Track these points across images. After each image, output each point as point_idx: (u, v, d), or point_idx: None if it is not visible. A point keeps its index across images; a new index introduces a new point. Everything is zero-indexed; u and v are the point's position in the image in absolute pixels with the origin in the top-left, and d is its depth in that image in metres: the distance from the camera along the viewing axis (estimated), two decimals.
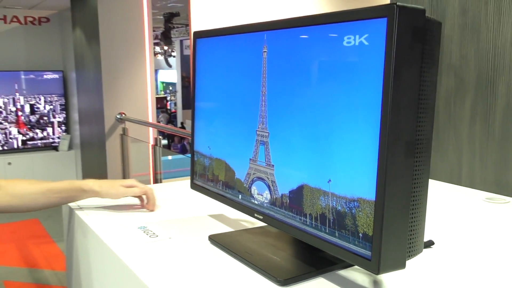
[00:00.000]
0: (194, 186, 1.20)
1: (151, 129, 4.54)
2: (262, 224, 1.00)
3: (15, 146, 6.08)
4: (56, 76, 6.34)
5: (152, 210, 1.27)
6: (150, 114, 4.63)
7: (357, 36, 0.71)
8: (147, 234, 1.08)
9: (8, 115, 6.09)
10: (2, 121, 6.05)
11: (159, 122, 10.50)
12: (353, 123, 0.73)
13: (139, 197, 1.29)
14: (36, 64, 6.34)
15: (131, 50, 4.56)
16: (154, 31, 16.82)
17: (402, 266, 0.72)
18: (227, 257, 0.96)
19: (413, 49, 0.67)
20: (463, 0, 1.49)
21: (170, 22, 11.43)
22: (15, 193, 1.23)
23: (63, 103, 6.38)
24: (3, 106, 6.05)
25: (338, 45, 0.74)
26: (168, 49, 14.40)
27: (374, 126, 0.68)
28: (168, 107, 13.51)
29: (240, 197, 1.02)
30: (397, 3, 0.65)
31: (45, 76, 6.30)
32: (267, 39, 0.91)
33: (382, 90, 0.67)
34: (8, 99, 6.08)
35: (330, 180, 0.77)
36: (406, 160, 0.69)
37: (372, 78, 0.69)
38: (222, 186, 1.08)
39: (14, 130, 6.13)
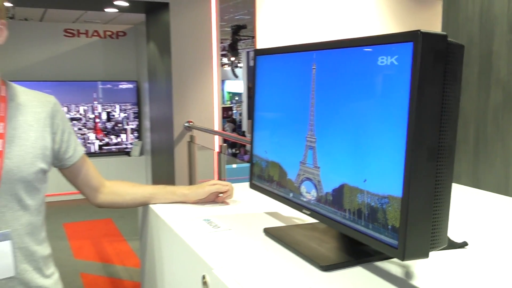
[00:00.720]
0: (252, 186, 1.36)
1: (216, 137, 4.76)
2: (311, 220, 1.14)
3: (92, 151, 6.55)
4: (130, 86, 6.77)
5: (227, 203, 1.46)
6: (216, 123, 4.86)
7: (389, 57, 0.84)
8: (210, 225, 1.25)
9: (87, 122, 6.59)
10: (82, 127, 6.55)
11: (225, 131, 10.85)
12: (384, 131, 0.85)
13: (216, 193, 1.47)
14: (113, 75, 6.82)
15: (200, 61, 4.82)
16: (221, 42, 17.31)
17: (425, 255, 0.83)
18: (278, 247, 1.10)
19: (436, 69, 0.79)
20: (511, 18, 1.55)
21: (237, 34, 11.79)
22: (118, 192, 1.46)
23: (136, 111, 6.80)
24: (83, 113, 6.55)
25: (373, 64, 0.87)
26: (235, 60, 14.82)
27: (402, 134, 0.81)
28: (234, 117, 13.86)
29: (291, 195, 1.16)
30: (421, 30, 0.77)
31: (120, 86, 6.75)
32: (316, 58, 1.05)
33: (408, 103, 0.79)
34: (87, 107, 6.58)
35: (365, 180, 0.90)
36: (429, 163, 0.80)
37: (400, 93, 0.81)
38: (276, 185, 1.23)
39: (92, 136, 6.61)
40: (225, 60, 15.53)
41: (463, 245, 1.10)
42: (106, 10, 5.49)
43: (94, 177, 1.44)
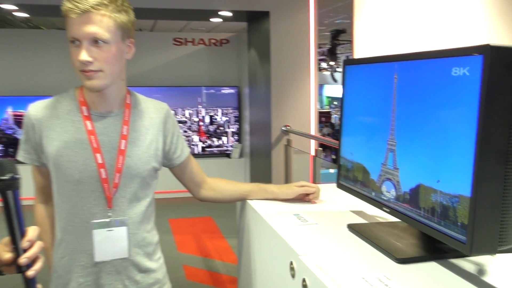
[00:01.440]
0: (339, 185, 1.47)
1: (312, 141, 4.87)
2: (392, 218, 1.23)
3: (196, 152, 6.97)
4: (232, 91, 7.11)
5: (314, 202, 1.58)
6: (313, 127, 4.97)
7: (461, 68, 0.92)
8: (299, 219, 1.38)
9: (191, 125, 7.03)
10: (187, 130, 7.00)
11: (323, 135, 10.91)
12: (457, 136, 0.93)
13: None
14: (216, 81, 7.20)
15: (297, 67, 4.97)
16: (320, 47, 17.43)
17: (493, 252, 0.89)
18: (359, 240, 1.20)
19: (505, 79, 0.85)
20: None
21: (336, 39, 11.79)
22: (218, 189, 1.65)
23: (237, 115, 7.12)
24: (188, 116, 7.01)
25: (448, 74, 0.95)
26: (334, 64, 14.81)
27: (472, 139, 0.88)
28: (332, 121, 13.85)
29: (373, 194, 1.26)
30: (491, 44, 0.85)
31: (222, 91, 7.11)
32: (397, 68, 1.14)
33: (478, 111, 0.87)
34: (192, 111, 7.02)
35: (439, 181, 0.98)
36: (497, 166, 0.87)
37: (471, 101, 0.89)
38: (360, 185, 1.33)
39: (195, 138, 7.04)
40: (324, 65, 15.59)
41: None
42: (211, 20, 5.85)
43: (198, 174, 1.63)
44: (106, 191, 1.41)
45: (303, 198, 1.61)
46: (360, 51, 4.63)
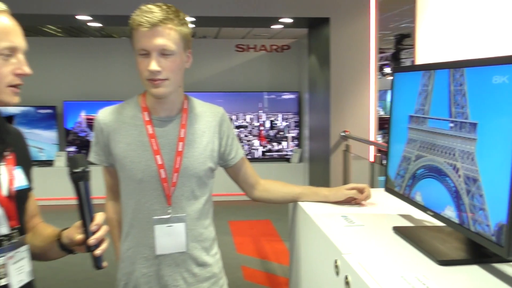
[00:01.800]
0: (387, 189, 1.51)
1: (372, 147, 4.85)
2: (438, 223, 1.25)
3: (256, 156, 7.10)
4: (292, 96, 7.19)
5: (364, 205, 1.63)
6: (372, 133, 4.95)
7: (501, 77, 0.95)
8: (346, 220, 1.44)
9: (252, 129, 7.17)
10: (248, 134, 7.15)
11: (387, 141, 10.72)
12: (496, 143, 0.96)
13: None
14: (277, 86, 7.31)
15: (357, 72, 4.96)
16: (384, 52, 17.13)
17: None
18: (403, 243, 1.24)
19: None
20: None
21: (401, 44, 11.57)
22: (271, 190, 1.73)
23: (297, 120, 7.18)
24: (249, 121, 7.15)
25: (489, 82, 0.98)
26: None
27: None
28: None
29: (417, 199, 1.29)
30: None
31: (283, 96, 7.20)
32: (453, 74, 1.17)
33: None
34: (253, 115, 7.16)
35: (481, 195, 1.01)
36: None
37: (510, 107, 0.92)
38: (405, 189, 1.36)
39: (256, 142, 7.17)
40: (387, 70, 15.29)
41: None
42: (272, 27, 5.96)
43: (251, 175, 1.72)
44: (165, 190, 1.53)
45: (352, 201, 1.66)
46: (422, 56, 4.56)
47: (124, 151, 1.54)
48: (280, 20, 5.33)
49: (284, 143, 7.22)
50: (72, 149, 6.81)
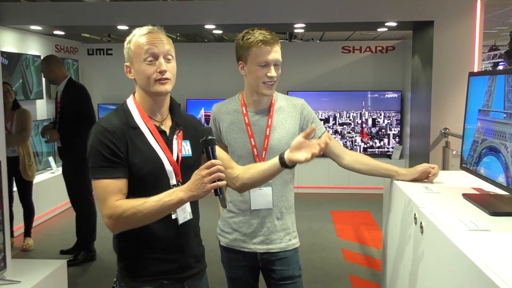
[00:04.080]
0: (461, 167, 1.92)
1: None
2: (500, 192, 1.65)
3: (358, 152, 7.49)
4: (395, 95, 7.46)
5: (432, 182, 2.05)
6: None
7: None
8: (426, 189, 1.87)
9: (355, 127, 7.56)
10: (351, 131, 7.55)
11: None
12: None
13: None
14: (380, 85, 7.62)
15: (459, 72, 5.13)
16: (498, 49, 16.36)
17: None
18: (468, 203, 1.66)
19: None
20: None
21: None
22: (360, 161, 2.16)
23: (399, 118, 7.44)
24: (352, 119, 7.55)
25: None
26: None
27: None
28: None
29: (483, 172, 1.70)
30: None
31: (386, 95, 7.50)
32: (507, 79, 1.57)
33: None
34: (356, 113, 7.55)
35: None
36: None
37: None
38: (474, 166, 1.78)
39: (358, 139, 7.56)
40: (501, 67, 14.68)
41: None
42: (378, 30, 6.31)
43: (337, 147, 2.16)
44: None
45: (427, 178, 2.06)
46: None
47: (228, 134, 2.14)
48: (386, 24, 5.66)
49: (385, 140, 7.51)
50: None
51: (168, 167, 1.68)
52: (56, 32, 6.50)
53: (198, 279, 1.79)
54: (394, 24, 5.67)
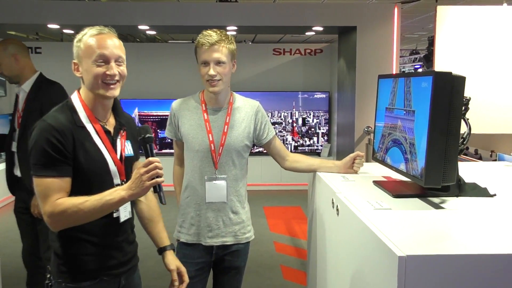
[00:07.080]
0: (373, 158, 2.18)
1: None
2: (404, 178, 1.92)
3: (289, 150, 7.80)
4: (323, 95, 7.85)
5: (356, 172, 2.30)
6: None
7: (426, 82, 1.62)
8: (343, 177, 2.12)
9: (286, 126, 7.87)
10: (282, 130, 7.85)
11: None
12: (422, 121, 1.63)
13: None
14: (309, 86, 7.99)
15: (380, 73, 5.48)
16: (418, 53, 17.37)
17: (438, 184, 1.58)
18: (377, 188, 1.92)
19: (444, 89, 1.55)
20: None
21: (433, 45, 11.97)
22: (299, 161, 2.38)
23: (327, 117, 7.84)
24: (283, 118, 7.86)
25: (419, 86, 1.66)
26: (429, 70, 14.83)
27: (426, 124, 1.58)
28: None
29: (387, 161, 1.97)
30: (435, 70, 1.55)
31: (315, 96, 7.87)
32: (406, 81, 1.84)
33: (429, 112, 1.57)
34: (287, 113, 7.87)
35: (411, 152, 1.69)
36: (440, 137, 1.56)
37: (427, 105, 1.59)
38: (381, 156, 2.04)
39: (289, 138, 7.87)
40: (420, 70, 15.68)
41: (493, 195, 1.77)
42: (306, 33, 6.64)
43: (282, 150, 2.40)
44: (214, 158, 2.24)
45: (352, 166, 2.30)
46: (441, 61, 5.09)
47: (188, 130, 2.26)
48: (313, 28, 5.99)
49: (315, 139, 7.89)
50: None
51: (112, 167, 1.73)
52: None
53: (133, 272, 1.90)
54: (320, 28, 6.01)
